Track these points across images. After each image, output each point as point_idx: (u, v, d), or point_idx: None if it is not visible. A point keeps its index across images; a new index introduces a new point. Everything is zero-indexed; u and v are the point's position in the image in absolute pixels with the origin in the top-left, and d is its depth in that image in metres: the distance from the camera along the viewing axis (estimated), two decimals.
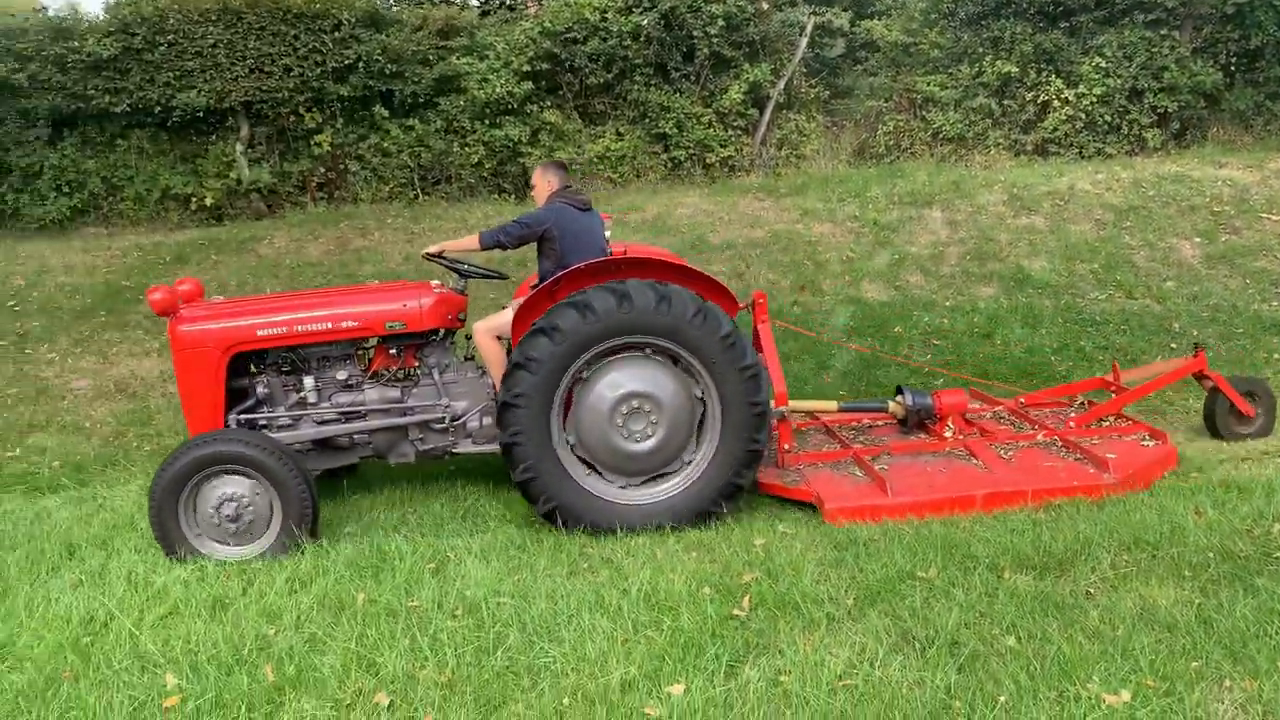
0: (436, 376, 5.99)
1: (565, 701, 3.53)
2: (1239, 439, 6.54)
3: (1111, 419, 6.49)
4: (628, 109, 12.75)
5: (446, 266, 6.10)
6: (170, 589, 4.64)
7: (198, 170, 12.46)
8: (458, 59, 12.31)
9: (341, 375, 5.98)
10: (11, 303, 9.34)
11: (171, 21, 11.72)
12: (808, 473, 5.89)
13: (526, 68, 12.25)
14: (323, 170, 12.65)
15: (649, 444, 5.48)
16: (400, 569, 4.72)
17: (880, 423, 6.73)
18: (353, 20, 11.97)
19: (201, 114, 12.15)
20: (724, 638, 3.89)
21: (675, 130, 12.49)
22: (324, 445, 5.96)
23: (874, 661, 3.66)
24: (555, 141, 12.52)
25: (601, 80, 12.46)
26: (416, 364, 6.06)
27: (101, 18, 12.21)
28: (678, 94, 12.56)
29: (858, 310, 9.28)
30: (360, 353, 6.06)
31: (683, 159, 12.62)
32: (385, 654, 3.86)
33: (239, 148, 12.40)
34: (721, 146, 12.60)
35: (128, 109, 11.98)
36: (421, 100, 12.50)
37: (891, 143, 13.30)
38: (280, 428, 5.86)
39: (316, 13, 11.87)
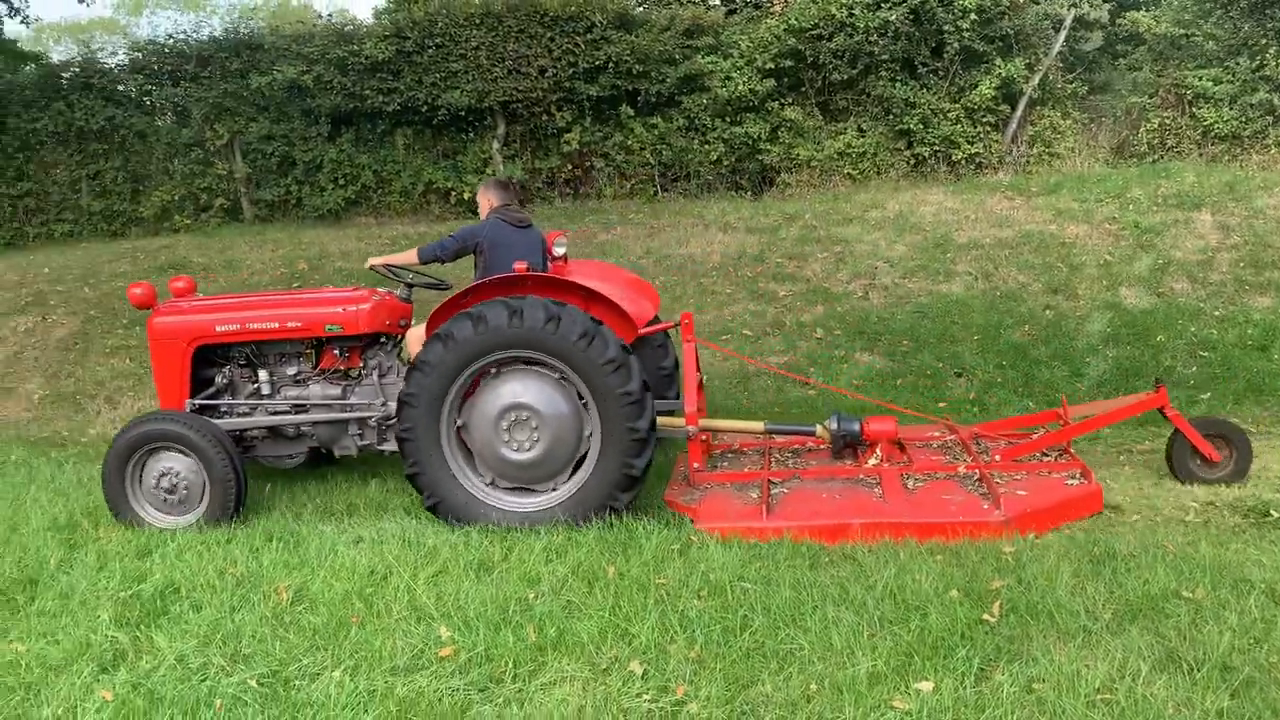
0: (376, 377, 6.28)
1: (812, 687, 3.59)
2: (1205, 483, 5.82)
3: (1048, 453, 6.04)
4: (870, 105, 12.59)
5: (390, 277, 6.47)
6: (440, 550, 5.02)
7: (458, 166, 13.29)
8: (702, 58, 12.53)
9: (291, 371, 6.43)
10: (296, 284, 10.29)
11: (440, 25, 12.56)
12: (711, 491, 5.83)
13: (769, 65, 12.32)
14: (570, 167, 13.21)
15: (531, 454, 5.55)
16: (648, 547, 4.92)
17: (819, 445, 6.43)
18: (604, 22, 12.42)
19: (463, 113, 12.94)
20: (974, 640, 3.83)
21: (920, 126, 12.22)
22: (275, 433, 6.41)
23: (1136, 678, 3.51)
24: (794, 138, 12.53)
25: (845, 76, 12.36)
26: (360, 364, 6.37)
27: (371, 23, 13.24)
28: (924, 89, 12.29)
29: (1115, 317, 8.80)
30: (310, 351, 6.43)
31: (926, 156, 12.34)
32: (638, 625, 4.04)
33: (495, 145, 13.13)
34: (969, 143, 12.22)
35: (398, 108, 12.94)
36: (665, 99, 12.81)
37: (1155, 141, 12.49)
38: (238, 414, 6.38)
39: (571, 15, 12.39)
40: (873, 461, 6.03)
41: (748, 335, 8.93)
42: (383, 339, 6.42)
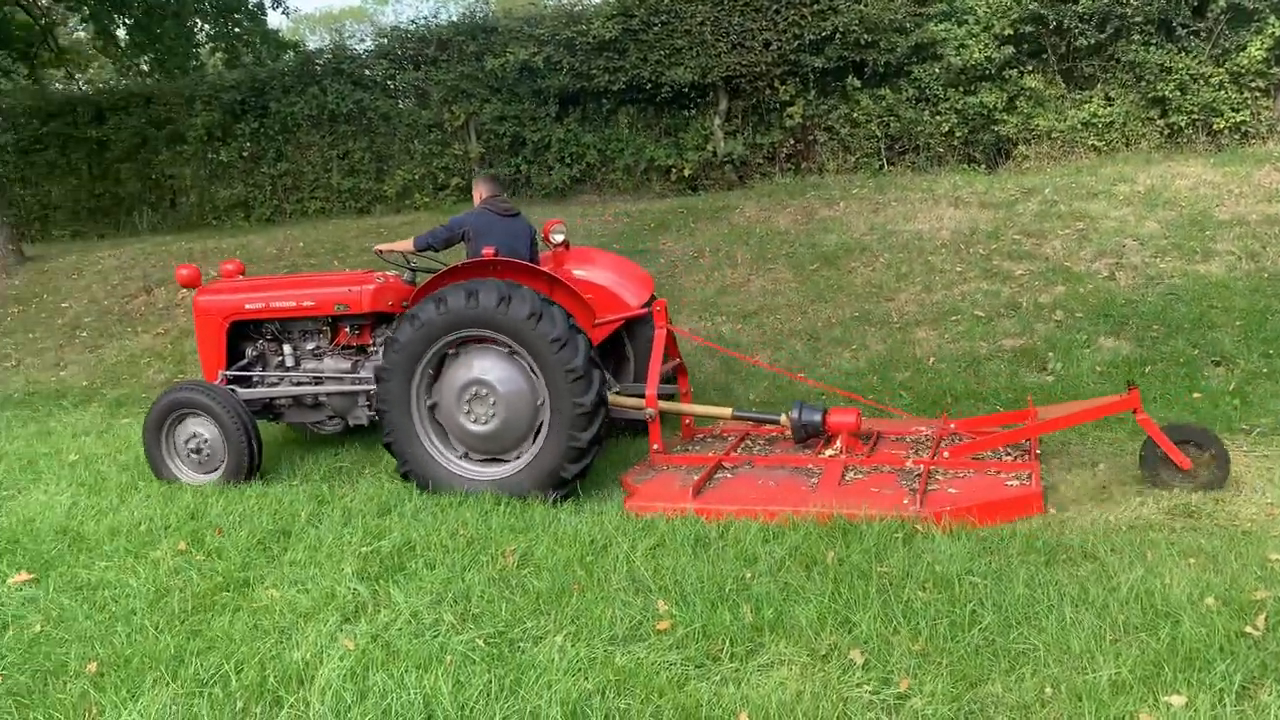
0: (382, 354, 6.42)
1: (1047, 691, 3.37)
2: (1176, 489, 5.32)
3: (1008, 452, 5.86)
4: (1120, 71, 11.66)
5: (392, 263, 7.13)
6: (657, 524, 5.06)
7: (679, 143, 13.34)
8: (935, 25, 11.99)
9: (310, 346, 7.05)
10: None
11: (666, 2, 12.60)
12: (660, 472, 6.01)
13: (1008, 31, 11.63)
14: (792, 142, 12.99)
15: (489, 427, 5.93)
16: (869, 534, 4.77)
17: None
18: None
19: (685, 89, 12.96)
20: (1235, 655, 3.48)
21: (1177, 93, 11.23)
22: (298, 402, 7.01)
23: None
24: (1034, 108, 11.80)
25: (1092, 41, 11.50)
26: (370, 342, 6.87)
27: (599, 2, 13.42)
28: (1182, 53, 11.27)
29: None
30: (326, 329, 7.00)
31: (1183, 125, 11.33)
32: (859, 614, 3.92)
33: (717, 121, 13.08)
34: (1234, 111, 11.13)
35: (622, 86, 13.11)
36: (894, 69, 12.36)
37: None
38: (267, 384, 7.06)
39: None
40: (829, 452, 6.04)
41: (979, 316, 8.51)
42: (391, 318, 6.84)
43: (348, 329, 6.94)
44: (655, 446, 6.26)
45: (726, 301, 9.24)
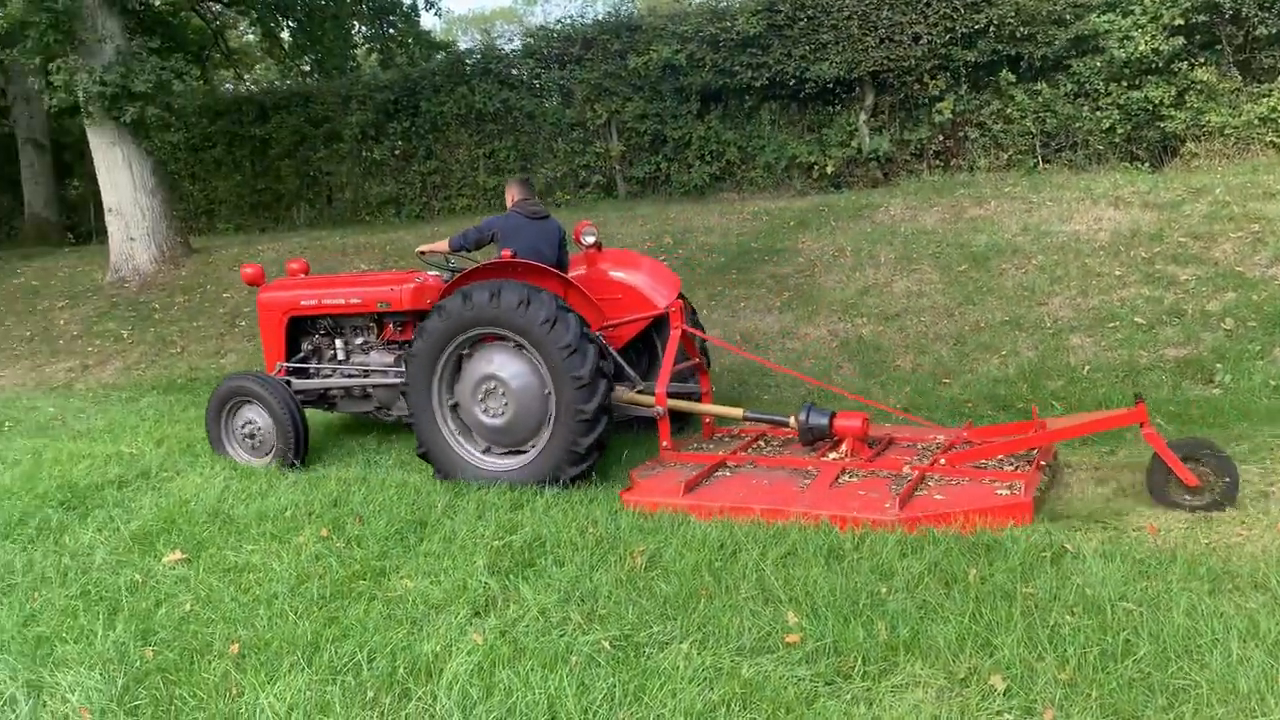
0: None
1: None
2: (1186, 509, 5.09)
3: (1010, 461, 5.74)
4: None
5: (434, 264, 7.37)
6: (789, 531, 4.93)
7: (822, 140, 13.10)
8: (1097, 17, 11.40)
9: (359, 341, 7.45)
10: (661, 258, 10.61)
11: None
12: (666, 468, 6.11)
13: (1178, 21, 10.96)
14: (940, 138, 12.58)
15: (501, 420, 6.21)
16: (1014, 552, 4.52)
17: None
18: None
19: (830, 85, 12.71)
20: None
21: None
22: (349, 393, 7.42)
23: None
24: (1205, 102, 11.10)
25: (1273, 30, 10.73)
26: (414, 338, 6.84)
27: None
28: None
29: None
30: (373, 325, 7.37)
31: None
32: (1001, 636, 3.72)
33: (862, 117, 12.79)
34: None
35: (765, 82, 12.96)
36: (1051, 62, 11.82)
37: None
38: (322, 376, 7.50)
39: None
40: (834, 455, 6.06)
41: (1139, 323, 8.03)
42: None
43: (391, 325, 7.32)
44: (664, 444, 6.37)
45: (868, 302, 9.00)
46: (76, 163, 19.50)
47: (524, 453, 6.24)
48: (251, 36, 28.89)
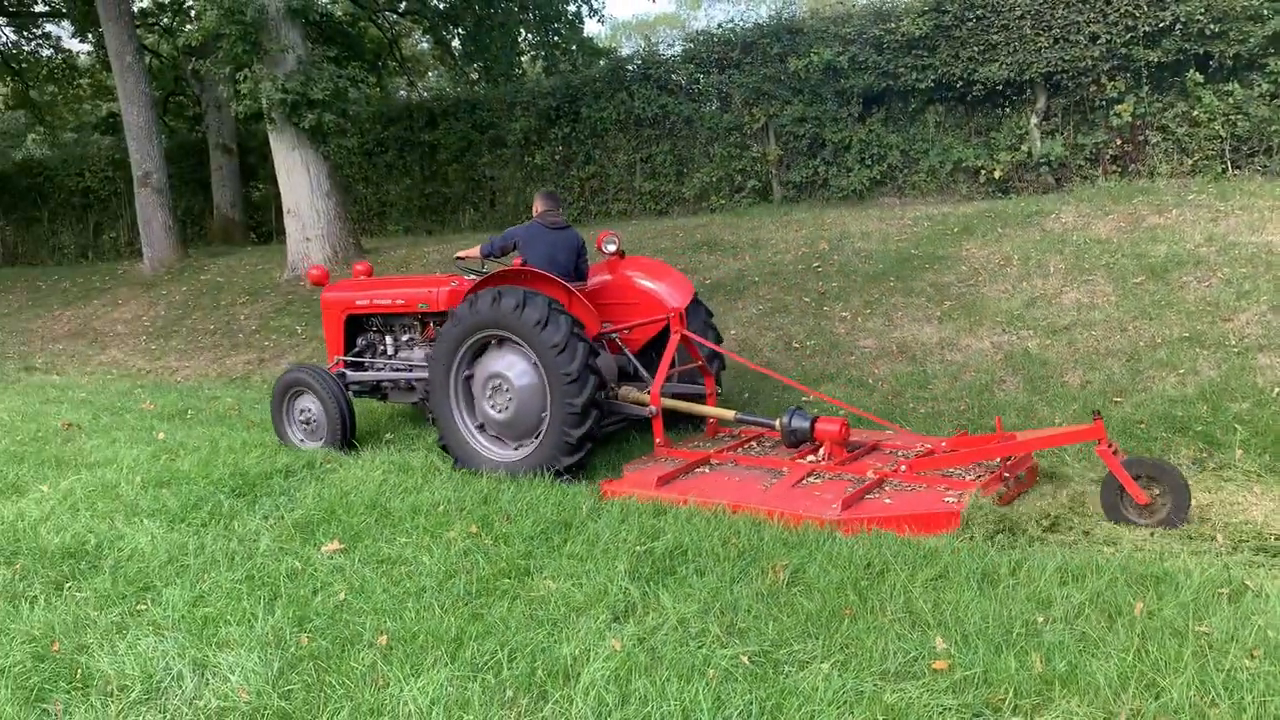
0: None
1: None
2: (1136, 526, 5.26)
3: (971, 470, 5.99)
4: None
5: (468, 269, 7.83)
6: (941, 553, 4.74)
7: (989, 143, 12.62)
8: None
9: (405, 337, 8.14)
10: (816, 264, 10.44)
11: None
12: (654, 463, 6.60)
13: None
14: (1118, 142, 11.92)
15: (506, 415, 6.75)
16: (1186, 586, 4.21)
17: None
18: None
19: (999, 87, 12.23)
20: None
21: None
22: (396, 385, 8.04)
23: None
24: None
25: None
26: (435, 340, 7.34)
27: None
28: None
29: None
30: (417, 323, 8.04)
31: None
32: (1169, 678, 3.46)
33: (1033, 120, 12.26)
34: None
35: (931, 84, 12.58)
36: (1245, 61, 11.03)
37: None
38: (375, 369, 8.14)
39: None
40: (812, 458, 6.34)
41: None
42: None
43: (432, 324, 7.89)
44: (658, 440, 6.80)
45: (1034, 314, 8.60)
46: (260, 166, 20.67)
47: (527, 445, 6.72)
48: (425, 45, 30.07)
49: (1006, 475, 5.79)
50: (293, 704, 3.65)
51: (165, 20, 24.29)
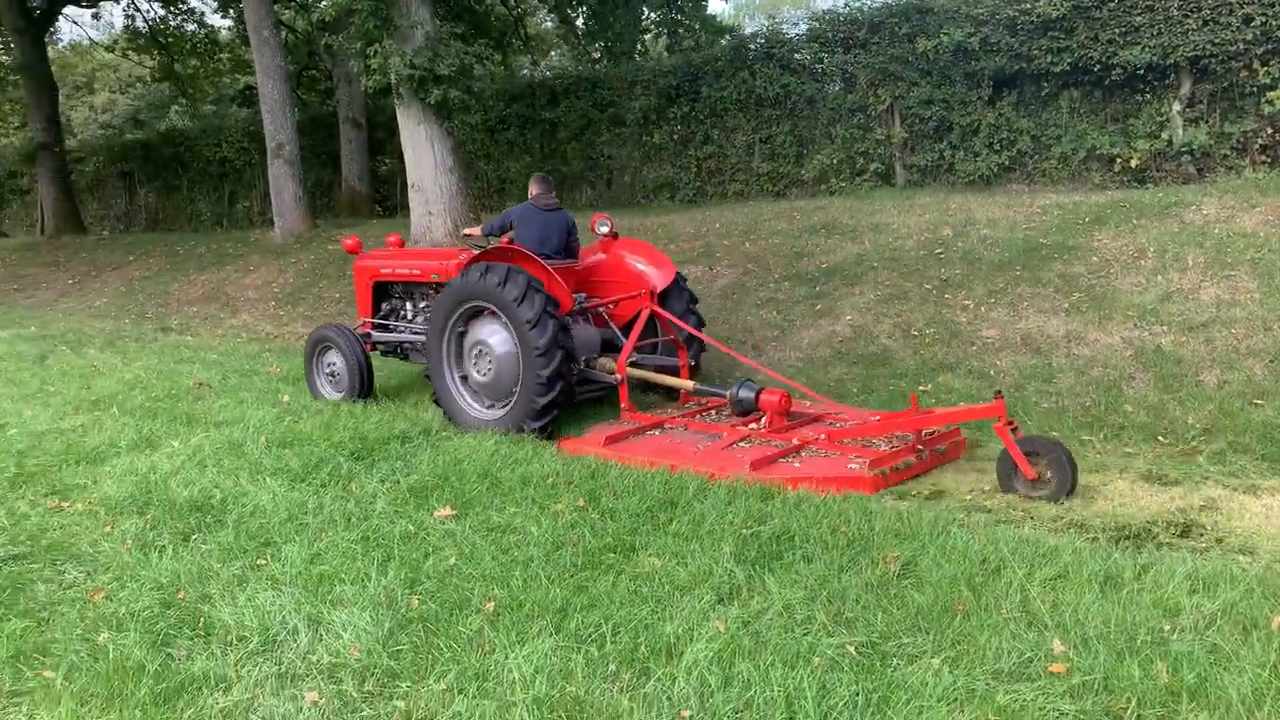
0: None
1: None
2: (1027, 498, 5.62)
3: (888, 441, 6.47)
4: None
5: (474, 245, 8.58)
6: (1061, 552, 4.56)
7: (1127, 130, 12.06)
8: None
9: (422, 304, 8.77)
10: (938, 251, 10.15)
11: None
12: (619, 425, 7.23)
13: None
14: (1269, 131, 11.24)
15: (488, 379, 7.43)
16: None
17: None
18: None
19: (1140, 71, 11.67)
20: None
21: None
22: (414, 346, 8.57)
23: None
24: None
25: None
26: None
27: None
28: None
29: None
30: (433, 292, 8.45)
31: None
32: None
33: (1176, 106, 11.66)
34: None
35: (1066, 68, 12.07)
36: None
37: None
38: (397, 331, 8.83)
39: None
40: (754, 426, 6.87)
41: None
42: None
43: None
44: (623, 405, 7.44)
45: (1169, 310, 8.19)
46: (387, 141, 21.16)
47: (504, 406, 7.33)
48: (548, 24, 30.33)
49: (920, 448, 6.28)
50: (401, 663, 3.74)
51: None
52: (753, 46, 15.33)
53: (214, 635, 4.02)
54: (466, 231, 8.71)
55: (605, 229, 8.29)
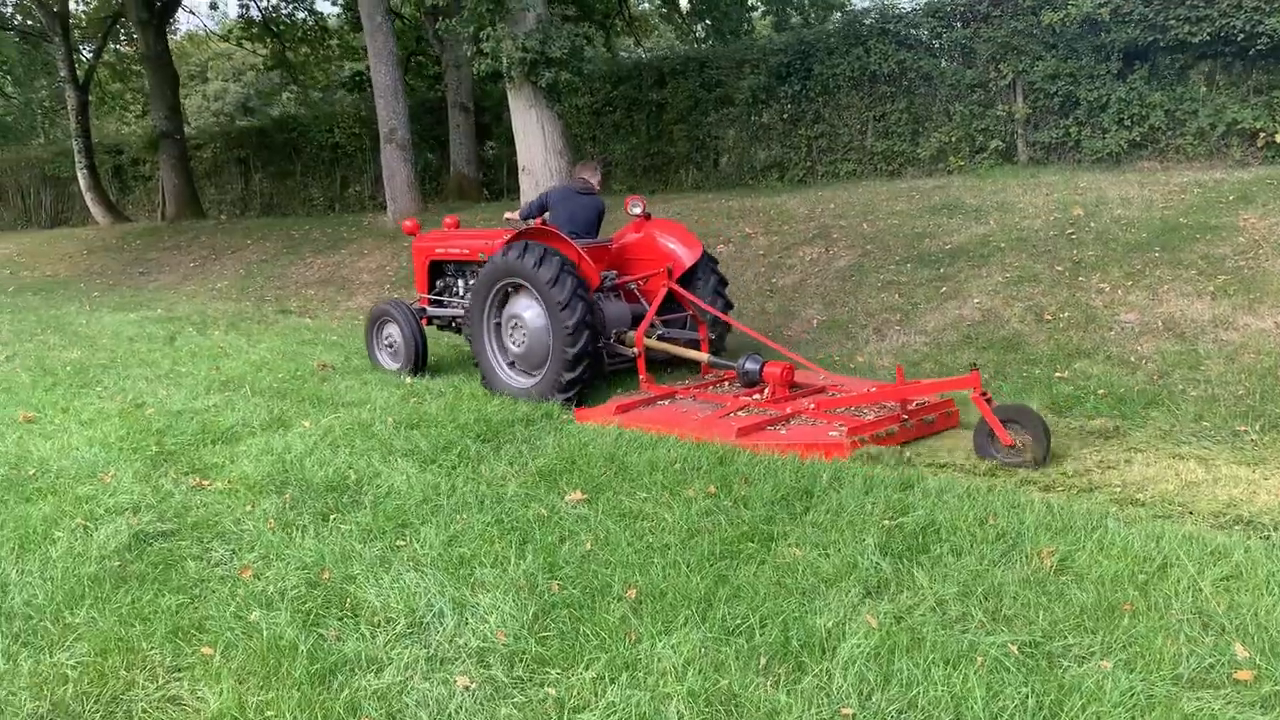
0: None
1: None
2: (1005, 466, 5.90)
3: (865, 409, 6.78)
4: None
5: (515, 227, 8.59)
6: (1231, 550, 4.29)
7: (1271, 103, 11.41)
8: None
9: (472, 281, 8.88)
10: (1070, 231, 9.74)
11: None
12: (637, 395, 7.54)
13: None
14: None
15: (521, 350, 7.91)
16: None
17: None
18: None
19: None
20: None
21: None
22: (466, 321, 8.50)
23: None
24: None
25: None
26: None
27: None
28: None
29: None
30: (480, 269, 8.50)
31: None
32: None
33: None
34: None
35: (1205, 38, 11.47)
36: None
37: None
38: (450, 307, 9.34)
39: None
40: (757, 396, 7.24)
41: None
42: None
43: None
44: (642, 376, 7.80)
45: None
46: (495, 125, 21.33)
47: (535, 376, 7.79)
48: (646, 5, 30.17)
49: (905, 416, 6.54)
50: (549, 650, 3.70)
51: None
52: (867, 22, 14.96)
53: (361, 616, 4.05)
54: (508, 215, 9.13)
55: (638, 210, 8.65)
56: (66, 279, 19.91)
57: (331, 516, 5.23)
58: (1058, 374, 7.51)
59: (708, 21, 21.20)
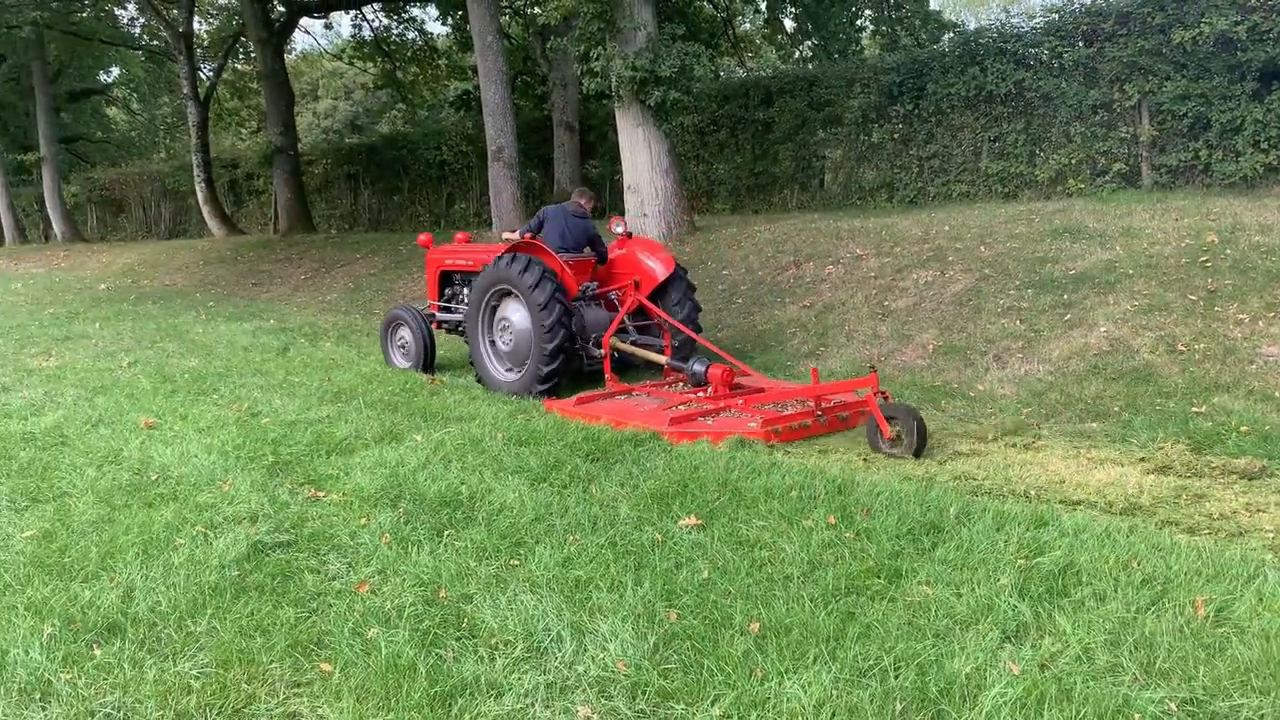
0: None
1: None
2: (888, 456, 6.69)
3: (785, 405, 7.73)
4: None
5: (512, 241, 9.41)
6: None
7: None
8: None
9: None
10: (1203, 258, 9.27)
11: None
12: (594, 391, 8.57)
13: None
14: None
15: (509, 348, 9.08)
16: None
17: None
18: None
19: None
20: None
21: None
22: None
23: None
24: None
25: None
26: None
27: None
28: None
29: None
30: None
31: None
32: None
33: None
34: None
35: None
36: None
37: None
38: (457, 313, 10.32)
39: None
40: (701, 393, 8.10)
41: None
42: None
43: None
44: (608, 376, 8.80)
45: None
46: (599, 144, 21.45)
47: (519, 372, 8.88)
48: (750, 25, 30.06)
49: (818, 412, 7.38)
50: (672, 683, 3.57)
51: (521, 2, 25.75)
52: (983, 40, 14.60)
53: (479, 637, 3.97)
54: (506, 235, 9.79)
55: (620, 229, 9.87)
56: (184, 288, 20.62)
57: (445, 532, 5.19)
58: (1194, 409, 7.11)
59: (814, 41, 20.97)
